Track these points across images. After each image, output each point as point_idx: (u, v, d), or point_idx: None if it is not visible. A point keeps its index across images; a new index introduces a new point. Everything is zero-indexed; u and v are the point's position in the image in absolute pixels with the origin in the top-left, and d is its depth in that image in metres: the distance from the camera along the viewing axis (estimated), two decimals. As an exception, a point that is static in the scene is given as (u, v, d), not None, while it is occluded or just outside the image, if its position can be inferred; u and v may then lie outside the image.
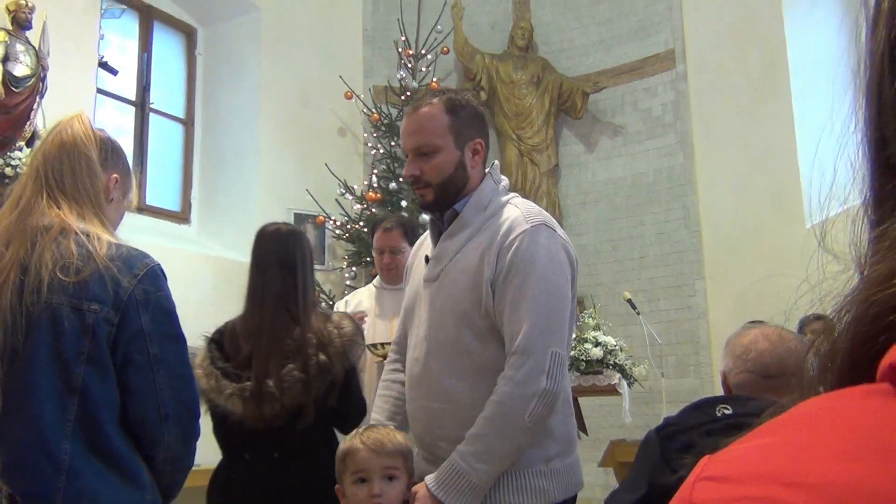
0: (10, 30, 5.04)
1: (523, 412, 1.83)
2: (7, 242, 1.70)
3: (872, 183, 0.35)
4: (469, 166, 2.03)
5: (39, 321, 1.65)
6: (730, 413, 1.73)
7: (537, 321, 1.85)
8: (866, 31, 0.35)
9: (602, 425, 6.54)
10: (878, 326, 0.31)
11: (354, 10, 7.79)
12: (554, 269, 1.92)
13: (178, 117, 7.24)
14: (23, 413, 1.63)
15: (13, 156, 4.82)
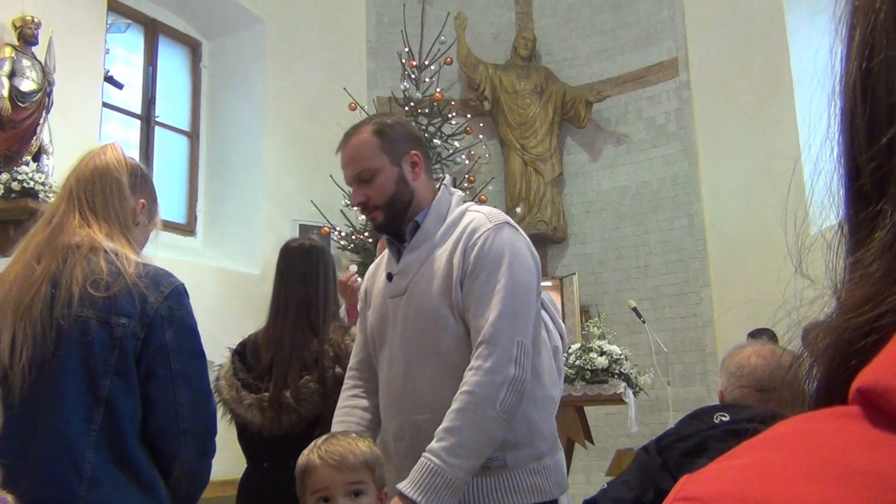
0: (17, 45, 5.08)
1: (494, 401, 1.80)
2: (38, 258, 1.78)
3: (847, 210, 0.36)
4: (410, 179, 2.07)
5: (70, 333, 1.71)
6: (727, 420, 1.79)
7: (503, 311, 1.86)
8: (840, 59, 0.36)
9: (609, 434, 6.53)
10: (852, 351, 0.32)
11: (358, 22, 7.83)
12: (518, 262, 1.94)
13: (183, 130, 7.27)
14: (50, 421, 1.67)
15: (20, 170, 4.85)
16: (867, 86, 0.34)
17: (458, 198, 2.13)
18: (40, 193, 4.91)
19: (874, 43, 0.34)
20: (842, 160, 0.36)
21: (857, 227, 0.35)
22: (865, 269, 0.33)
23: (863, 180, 0.34)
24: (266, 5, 7.31)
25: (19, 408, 1.68)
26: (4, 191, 4.83)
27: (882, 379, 0.30)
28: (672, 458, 1.81)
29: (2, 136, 4.95)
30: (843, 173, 0.36)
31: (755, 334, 5.58)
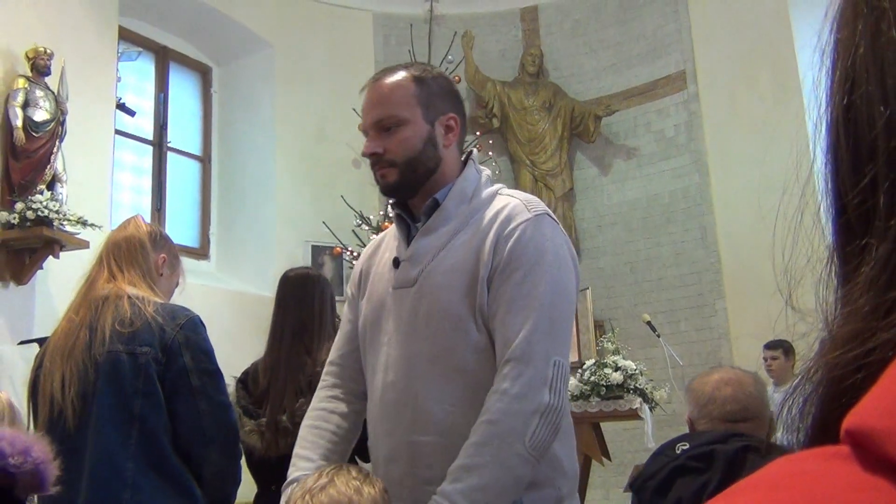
0: (30, 76, 5.15)
1: (523, 435, 1.46)
2: (77, 311, 2.17)
3: (835, 243, 0.36)
4: (441, 144, 1.70)
5: (104, 366, 2.05)
6: (687, 448, 1.82)
7: (539, 323, 1.52)
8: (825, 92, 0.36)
9: (626, 450, 6.49)
10: (842, 388, 0.32)
11: (365, 43, 7.89)
12: (560, 264, 1.59)
13: (195, 155, 7.34)
14: (96, 441, 2.02)
15: (34, 199, 4.90)
16: (849, 120, 0.35)
17: (487, 177, 1.76)
18: (55, 222, 4.96)
19: (855, 77, 0.35)
20: (828, 193, 0.36)
21: (845, 261, 0.35)
22: (854, 303, 0.33)
23: (848, 214, 0.34)
24: (274, 29, 7.38)
25: (75, 433, 2.03)
26: (19, 220, 4.88)
27: (867, 421, 0.30)
28: (645, 499, 1.84)
29: (16, 166, 5.01)
30: (831, 206, 0.36)
31: (772, 345, 5.54)
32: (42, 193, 4.97)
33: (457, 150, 1.76)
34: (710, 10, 7.32)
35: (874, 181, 0.33)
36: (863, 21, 0.35)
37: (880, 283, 0.32)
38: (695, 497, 1.73)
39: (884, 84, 0.33)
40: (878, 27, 0.34)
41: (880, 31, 0.34)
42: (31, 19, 5.38)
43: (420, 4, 7.85)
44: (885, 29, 0.34)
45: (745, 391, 1.99)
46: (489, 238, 1.61)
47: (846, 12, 0.36)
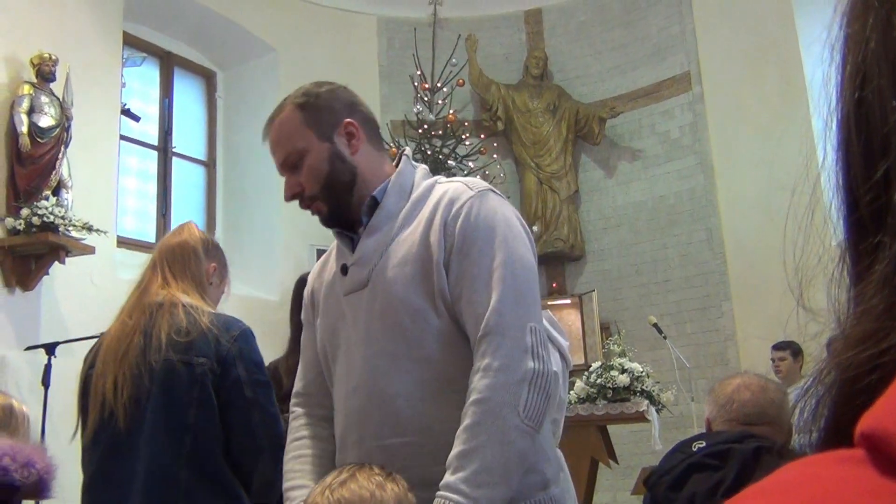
0: (35, 82, 5.16)
1: (515, 406, 1.40)
2: (130, 315, 2.17)
3: (847, 241, 0.35)
4: (349, 153, 1.67)
5: (160, 374, 2.07)
6: (704, 446, 1.83)
7: (506, 294, 1.47)
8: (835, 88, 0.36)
9: (633, 452, 6.46)
10: (857, 388, 0.32)
11: (369, 47, 7.89)
12: (514, 235, 1.55)
13: (200, 160, 7.35)
14: (149, 447, 2.03)
15: (40, 205, 4.91)
16: (860, 115, 0.34)
17: (425, 171, 1.72)
18: (60, 227, 4.98)
19: (866, 71, 0.34)
20: (840, 190, 0.35)
21: (857, 259, 0.34)
22: (867, 302, 0.32)
23: (860, 211, 0.34)
24: (278, 34, 7.40)
25: (125, 437, 2.05)
26: (25, 225, 4.89)
27: (883, 423, 0.29)
28: (659, 494, 1.85)
29: (22, 172, 5.02)
30: (842, 204, 0.35)
31: (780, 346, 5.52)
32: (47, 199, 4.98)
33: (372, 151, 1.71)
34: (714, 10, 7.31)
35: (887, 177, 0.32)
36: (874, 14, 0.34)
37: (895, 281, 0.31)
38: (709, 493, 1.75)
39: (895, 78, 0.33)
40: (890, 20, 0.33)
41: (892, 25, 0.33)
42: (35, 26, 5.39)
43: (424, 8, 7.85)
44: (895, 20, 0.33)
45: (766, 396, 2.02)
46: (436, 223, 1.57)
47: (856, 6, 0.35)
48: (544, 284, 7.74)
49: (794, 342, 5.38)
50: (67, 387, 4.76)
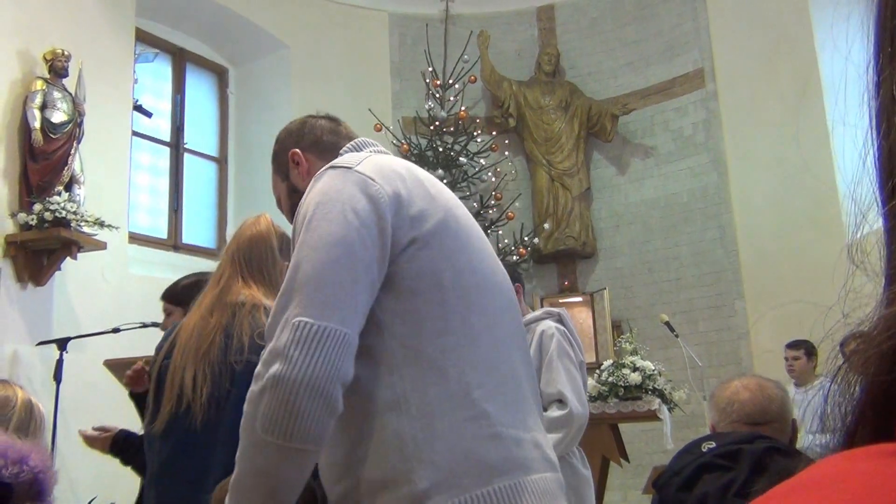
0: (48, 78, 5.18)
1: (254, 418, 1.23)
2: (211, 312, 2.15)
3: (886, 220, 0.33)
4: (300, 183, 1.62)
5: (242, 375, 2.01)
6: (713, 447, 1.82)
7: (282, 291, 1.28)
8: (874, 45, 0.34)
9: (645, 451, 6.43)
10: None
11: (381, 44, 7.88)
12: (325, 213, 1.31)
13: (211, 156, 7.36)
14: (226, 448, 1.98)
15: (52, 200, 4.93)
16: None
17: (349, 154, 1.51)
18: (72, 223, 4.99)
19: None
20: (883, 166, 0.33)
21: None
22: None
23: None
24: (291, 30, 7.39)
25: (200, 434, 2.03)
26: (38, 221, 4.91)
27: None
28: (669, 495, 1.84)
29: (34, 168, 5.04)
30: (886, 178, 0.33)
31: (794, 345, 5.48)
32: (60, 195, 4.99)
33: (321, 164, 1.56)
34: (728, 6, 7.25)
35: None
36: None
37: None
38: (720, 493, 1.73)
39: None
40: None
41: None
42: (48, 22, 5.41)
43: (436, 4, 7.83)
44: None
45: (764, 394, 2.03)
46: None
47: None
48: (556, 282, 7.71)
49: (808, 341, 5.33)
50: (79, 382, 4.79)
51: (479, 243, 1.44)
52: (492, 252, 1.49)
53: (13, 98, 5.12)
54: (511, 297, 1.48)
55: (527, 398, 1.38)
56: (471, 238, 1.42)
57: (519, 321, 1.49)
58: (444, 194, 1.45)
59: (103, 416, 4.94)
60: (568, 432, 3.01)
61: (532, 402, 1.40)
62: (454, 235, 1.38)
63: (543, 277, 7.75)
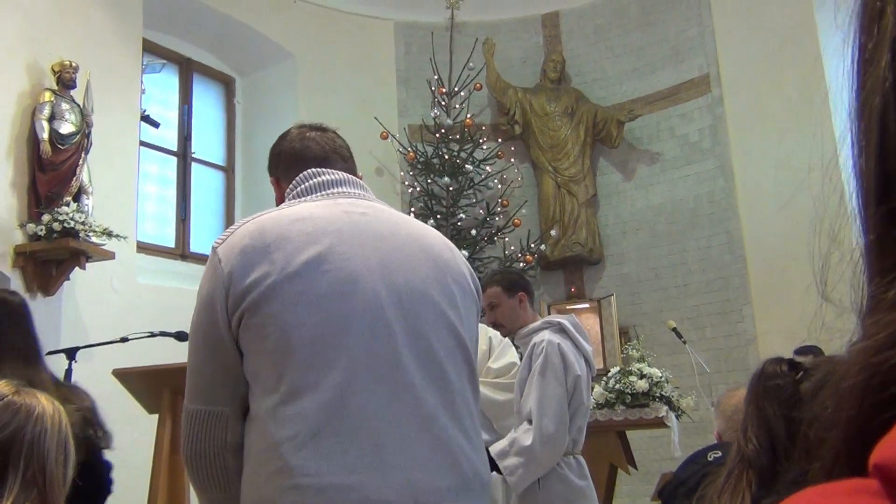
0: (56, 90, 5.22)
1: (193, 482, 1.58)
2: None
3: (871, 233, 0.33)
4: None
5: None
6: (719, 456, 1.82)
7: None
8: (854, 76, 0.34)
9: (653, 458, 6.41)
10: (872, 403, 0.30)
11: (387, 52, 7.91)
12: (197, 308, 1.52)
13: (219, 165, 7.39)
14: None
15: (61, 211, 4.96)
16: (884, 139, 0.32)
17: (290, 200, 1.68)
18: (81, 233, 5.02)
19: None
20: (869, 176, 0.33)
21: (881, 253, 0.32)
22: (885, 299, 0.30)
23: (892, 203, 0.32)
24: (297, 40, 7.42)
25: None
26: (46, 231, 4.93)
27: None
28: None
29: (43, 178, 5.07)
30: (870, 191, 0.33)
31: (801, 352, 5.46)
32: (68, 205, 5.02)
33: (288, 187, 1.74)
34: (733, 12, 7.26)
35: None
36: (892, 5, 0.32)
37: None
38: None
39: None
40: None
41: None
42: (56, 34, 5.45)
43: (441, 12, 7.86)
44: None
45: None
46: None
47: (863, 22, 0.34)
48: (563, 288, 7.71)
49: (817, 347, 5.31)
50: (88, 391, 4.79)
51: (336, 285, 1.46)
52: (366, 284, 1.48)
53: (22, 110, 5.16)
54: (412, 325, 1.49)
55: (380, 432, 1.41)
56: (320, 282, 1.45)
57: (426, 349, 1.49)
58: (293, 254, 1.47)
59: (112, 425, 4.96)
60: (527, 461, 2.95)
61: (399, 432, 1.42)
62: (286, 295, 1.44)
63: (550, 284, 7.75)
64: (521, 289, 3.26)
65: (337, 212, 1.56)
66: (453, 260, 1.63)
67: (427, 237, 1.63)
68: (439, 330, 1.51)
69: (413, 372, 1.45)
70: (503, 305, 3.22)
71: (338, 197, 1.62)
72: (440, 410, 1.46)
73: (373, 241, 1.53)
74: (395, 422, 1.42)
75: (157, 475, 3.84)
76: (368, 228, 1.54)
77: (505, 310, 3.22)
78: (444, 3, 7.78)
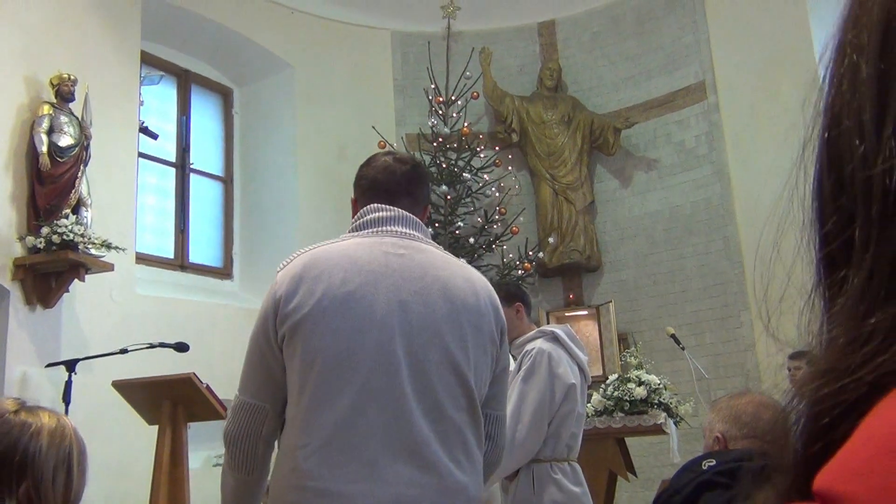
0: (55, 102, 5.24)
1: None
2: None
3: (818, 274, 0.35)
4: None
5: None
6: (714, 464, 1.83)
7: None
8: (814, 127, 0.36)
9: (653, 464, 6.42)
10: (818, 427, 0.31)
11: (384, 62, 7.94)
12: (259, 315, 1.87)
13: (217, 176, 7.41)
14: None
15: (60, 223, 4.97)
16: (831, 154, 0.35)
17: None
18: (80, 245, 5.03)
19: (837, 113, 0.34)
20: (813, 225, 0.36)
21: (829, 290, 0.35)
22: (831, 333, 0.33)
23: (830, 246, 0.34)
24: (294, 51, 7.46)
25: None
26: (45, 244, 4.95)
27: (836, 484, 0.29)
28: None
29: (42, 191, 5.09)
30: (815, 236, 0.36)
31: (796, 356, 5.46)
32: (67, 217, 5.04)
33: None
34: (728, 19, 7.29)
35: (851, 213, 0.33)
36: (848, 59, 0.35)
37: (857, 313, 0.32)
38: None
39: (860, 120, 0.33)
40: (859, 65, 0.34)
41: (859, 69, 0.34)
42: (54, 47, 5.48)
43: (438, 21, 7.90)
44: (863, 67, 0.34)
45: (773, 410, 2.04)
46: None
47: (835, 50, 0.36)
48: (561, 296, 7.72)
49: (812, 352, 5.32)
50: (88, 403, 4.81)
51: (357, 322, 1.72)
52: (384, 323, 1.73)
53: (20, 123, 5.18)
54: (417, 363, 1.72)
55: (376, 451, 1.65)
56: (345, 318, 1.72)
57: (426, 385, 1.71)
58: (329, 288, 1.75)
59: (112, 436, 4.97)
60: None
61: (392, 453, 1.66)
62: (317, 322, 1.72)
63: (549, 291, 7.76)
64: (518, 299, 3.29)
65: (377, 252, 1.80)
66: (475, 303, 1.81)
67: (452, 279, 1.82)
68: (442, 368, 1.73)
69: (412, 404, 1.68)
70: None
71: (385, 235, 1.86)
72: (432, 438, 1.68)
73: (400, 282, 1.76)
74: (390, 445, 1.65)
75: (158, 487, 3.85)
76: (400, 269, 1.78)
77: None
78: (441, 13, 7.82)
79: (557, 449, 3.12)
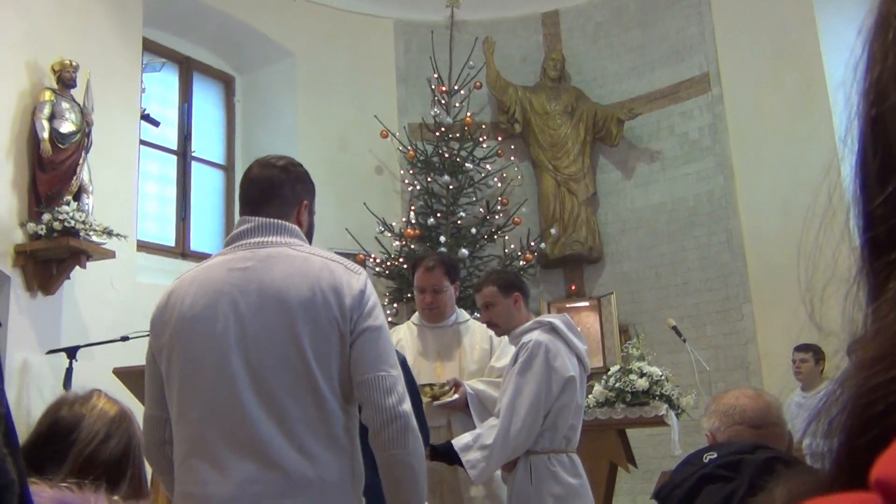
0: (56, 89, 5.22)
1: None
2: None
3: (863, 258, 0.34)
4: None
5: None
6: (714, 457, 1.83)
7: None
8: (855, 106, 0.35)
9: (653, 456, 6.42)
10: (870, 416, 0.30)
11: (387, 51, 7.91)
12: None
13: (218, 164, 7.39)
14: None
15: (61, 210, 4.96)
16: (877, 132, 0.33)
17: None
18: (81, 232, 5.02)
19: (884, 88, 0.33)
20: (857, 206, 0.34)
21: (874, 276, 0.33)
22: (882, 320, 0.31)
23: (876, 229, 0.33)
24: (297, 38, 7.43)
25: None
26: (47, 230, 4.94)
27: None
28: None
29: (43, 178, 5.07)
30: (859, 219, 0.34)
31: (802, 348, 5.46)
32: (68, 204, 5.02)
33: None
34: (733, 11, 7.26)
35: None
36: (893, 32, 0.33)
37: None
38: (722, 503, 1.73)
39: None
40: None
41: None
42: (56, 33, 5.45)
43: (441, 11, 7.86)
44: None
45: (764, 400, 2.15)
46: None
47: (876, 24, 0.35)
48: (563, 287, 7.71)
49: (817, 345, 5.32)
50: (88, 390, 4.81)
51: (199, 344, 1.90)
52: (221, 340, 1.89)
53: (22, 109, 5.16)
54: (255, 370, 1.86)
55: (224, 456, 1.83)
56: (190, 341, 1.91)
57: (266, 390, 1.86)
58: (182, 311, 1.93)
59: (112, 424, 4.97)
60: (488, 457, 3.02)
61: (239, 456, 1.83)
62: (172, 349, 1.93)
63: (550, 283, 7.75)
64: (517, 289, 3.27)
65: (222, 271, 1.94)
66: (310, 297, 1.89)
67: (288, 279, 1.91)
68: (279, 371, 1.85)
69: (252, 409, 1.83)
70: (498, 305, 3.23)
71: (239, 249, 1.98)
72: (277, 436, 1.82)
73: (238, 296, 1.90)
74: (236, 449, 1.83)
75: (158, 474, 3.85)
76: (239, 283, 1.91)
77: (500, 309, 3.23)
78: (444, 2, 7.78)
79: (555, 441, 3.11)
